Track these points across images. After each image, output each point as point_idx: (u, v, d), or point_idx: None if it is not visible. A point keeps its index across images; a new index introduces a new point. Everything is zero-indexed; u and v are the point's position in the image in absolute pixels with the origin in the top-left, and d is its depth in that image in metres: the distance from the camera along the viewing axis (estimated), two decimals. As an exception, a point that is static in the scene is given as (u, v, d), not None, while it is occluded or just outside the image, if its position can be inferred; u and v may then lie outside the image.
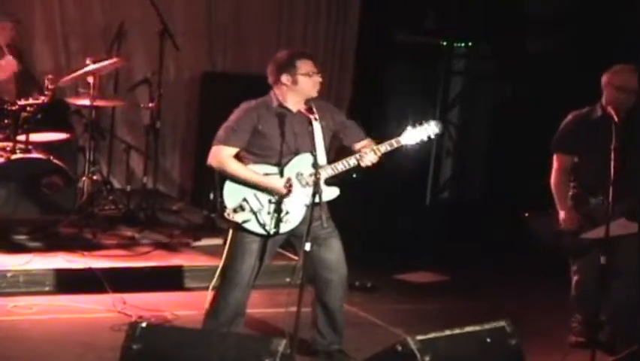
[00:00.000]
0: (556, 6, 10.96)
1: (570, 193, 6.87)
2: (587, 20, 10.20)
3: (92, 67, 8.46)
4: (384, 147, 6.03)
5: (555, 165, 6.89)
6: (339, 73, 11.50)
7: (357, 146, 6.18)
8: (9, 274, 7.41)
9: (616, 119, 6.29)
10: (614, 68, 6.83)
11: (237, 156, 6.06)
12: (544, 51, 11.03)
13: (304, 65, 5.98)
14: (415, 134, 6.08)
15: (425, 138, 6.14)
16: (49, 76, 8.41)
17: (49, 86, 8.31)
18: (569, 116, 6.95)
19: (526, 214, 7.06)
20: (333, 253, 6.18)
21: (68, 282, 7.50)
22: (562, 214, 6.78)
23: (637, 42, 8.67)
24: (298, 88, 5.99)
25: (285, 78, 6.01)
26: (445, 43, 12.10)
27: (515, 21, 11.43)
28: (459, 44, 12.27)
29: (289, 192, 5.94)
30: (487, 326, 5.44)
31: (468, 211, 11.26)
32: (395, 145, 6.06)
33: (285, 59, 6.03)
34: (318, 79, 6.02)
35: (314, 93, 6.03)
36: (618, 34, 9.42)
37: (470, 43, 12.22)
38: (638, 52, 8.41)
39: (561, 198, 6.84)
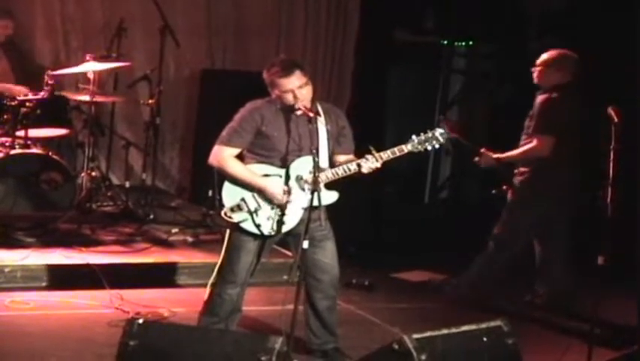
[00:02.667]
0: (556, 5, 10.96)
1: None
2: (588, 20, 10.19)
3: (90, 67, 8.45)
4: (387, 155, 5.96)
5: None
6: (339, 72, 11.50)
7: (340, 158, 6.14)
8: (7, 270, 7.42)
9: (615, 119, 6.30)
10: None
11: (240, 156, 6.06)
12: (544, 51, 11.03)
13: (285, 83, 5.90)
14: (419, 144, 6.03)
15: (429, 148, 6.08)
16: (49, 71, 8.41)
17: (49, 82, 8.31)
18: None
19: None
20: (327, 255, 6.17)
21: (66, 278, 7.50)
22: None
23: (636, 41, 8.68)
24: (285, 102, 5.98)
25: (273, 94, 6.02)
26: (445, 43, 12.10)
27: (516, 20, 11.43)
28: (459, 44, 12.27)
29: (287, 201, 5.94)
30: (483, 325, 5.44)
31: (466, 210, 11.26)
32: (398, 153, 5.98)
33: (267, 78, 5.99)
34: (301, 93, 5.91)
35: (305, 104, 5.97)
36: (619, 33, 9.41)
37: (471, 43, 12.22)
38: (636, 51, 8.45)
39: None
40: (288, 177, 6.01)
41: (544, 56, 7.58)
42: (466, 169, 12.26)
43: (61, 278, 7.50)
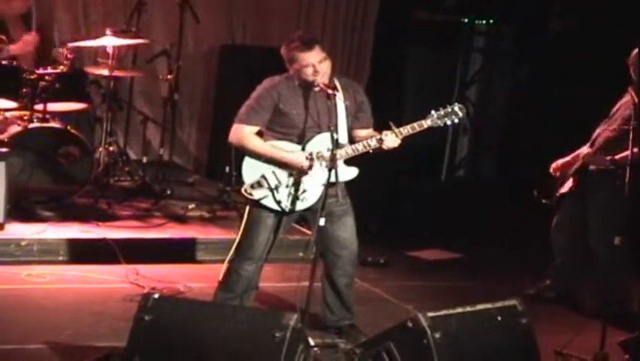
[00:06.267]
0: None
1: None
2: (609, 0, 10.12)
3: (109, 42, 8.45)
4: (406, 130, 5.95)
5: None
6: (359, 49, 11.46)
7: (359, 132, 6.14)
8: (23, 243, 7.45)
9: (636, 100, 6.30)
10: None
11: (259, 133, 6.06)
12: (564, 30, 10.98)
13: (306, 57, 5.89)
14: (438, 119, 6.03)
15: (449, 123, 6.06)
16: (69, 45, 8.41)
17: (68, 56, 8.32)
18: None
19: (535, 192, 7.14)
20: (347, 230, 6.18)
21: (82, 252, 7.53)
22: None
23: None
24: (304, 77, 5.97)
25: (292, 69, 6.01)
26: (465, 21, 12.05)
27: (537, -1, 11.38)
28: (479, 22, 12.21)
29: (310, 167, 5.93)
30: (498, 305, 5.44)
31: (483, 189, 11.25)
32: (417, 129, 5.97)
33: (286, 52, 5.98)
34: (322, 67, 5.91)
35: (324, 80, 5.96)
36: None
37: (491, 21, 12.16)
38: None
39: None
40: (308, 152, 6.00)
41: None
42: (483, 148, 12.27)
43: (78, 252, 7.52)
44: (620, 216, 6.34)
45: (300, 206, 6.04)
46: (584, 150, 7.20)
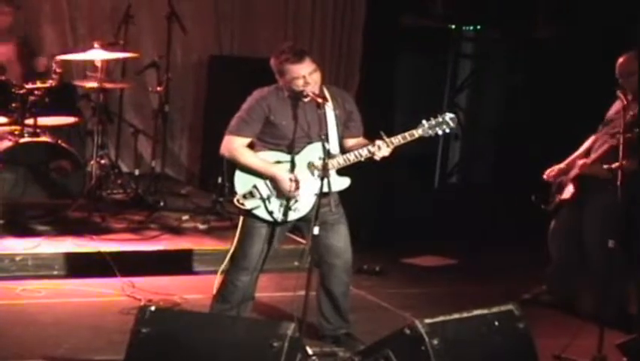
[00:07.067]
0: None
1: None
2: (598, 5, 10.14)
3: (97, 56, 8.44)
4: (397, 140, 5.95)
5: None
6: (347, 57, 11.46)
7: (350, 141, 6.15)
8: (18, 258, 7.44)
9: (625, 101, 6.34)
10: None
11: (250, 144, 6.06)
12: (553, 35, 11.00)
13: (297, 69, 5.88)
14: (430, 128, 6.02)
15: (440, 133, 6.06)
16: (57, 59, 8.40)
17: (57, 70, 8.30)
18: None
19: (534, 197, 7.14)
20: (340, 239, 6.19)
21: (77, 266, 7.52)
22: None
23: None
24: (294, 88, 5.96)
25: (281, 80, 6.01)
26: (453, 27, 12.06)
27: (525, 4, 11.38)
28: (467, 28, 12.22)
29: (297, 188, 5.93)
30: (495, 310, 5.44)
31: (476, 195, 11.25)
32: (408, 138, 5.97)
33: (276, 64, 5.97)
34: (313, 78, 5.91)
35: (314, 90, 5.96)
36: (630, 19, 9.37)
37: (479, 27, 12.17)
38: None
39: None
40: (299, 164, 6.00)
41: None
42: (475, 154, 12.28)
43: (73, 266, 7.52)
44: (615, 219, 6.36)
45: (293, 216, 6.05)
46: (579, 156, 7.22)
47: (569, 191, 7.20)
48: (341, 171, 6.06)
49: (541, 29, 11.23)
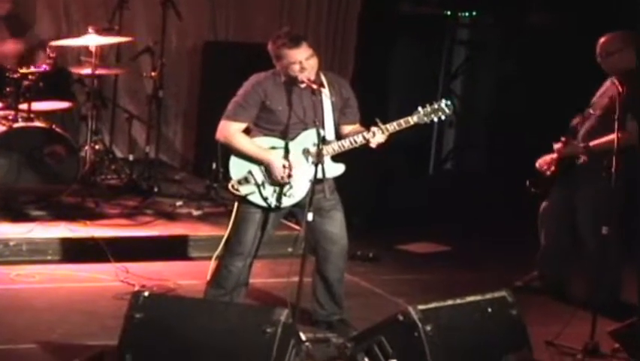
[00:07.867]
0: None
1: None
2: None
3: (92, 41, 8.42)
4: (392, 127, 5.94)
5: None
6: (342, 44, 11.43)
7: (346, 128, 6.15)
8: (12, 243, 7.44)
9: (620, 89, 6.34)
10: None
11: (247, 129, 6.06)
12: (548, 22, 10.99)
13: (294, 54, 5.88)
14: (425, 115, 6.02)
15: (435, 120, 6.06)
16: (51, 44, 8.38)
17: (51, 55, 8.29)
18: None
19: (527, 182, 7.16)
20: (335, 225, 6.19)
21: (71, 251, 7.52)
22: None
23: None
24: (291, 73, 5.96)
25: (278, 65, 6.00)
26: (448, 13, 12.04)
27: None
28: (463, 14, 12.20)
29: (289, 176, 5.93)
30: (488, 296, 5.47)
31: (470, 182, 11.26)
32: (404, 125, 5.97)
33: (273, 49, 5.97)
34: (309, 64, 5.91)
35: (311, 76, 5.96)
36: (622, 5, 9.38)
37: (474, 13, 12.15)
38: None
39: None
40: (294, 151, 6.00)
41: None
42: (470, 140, 12.28)
43: (67, 252, 7.52)
44: (608, 206, 6.37)
45: (287, 202, 6.05)
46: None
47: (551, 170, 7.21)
48: (337, 158, 6.06)
49: (535, 16, 11.22)
